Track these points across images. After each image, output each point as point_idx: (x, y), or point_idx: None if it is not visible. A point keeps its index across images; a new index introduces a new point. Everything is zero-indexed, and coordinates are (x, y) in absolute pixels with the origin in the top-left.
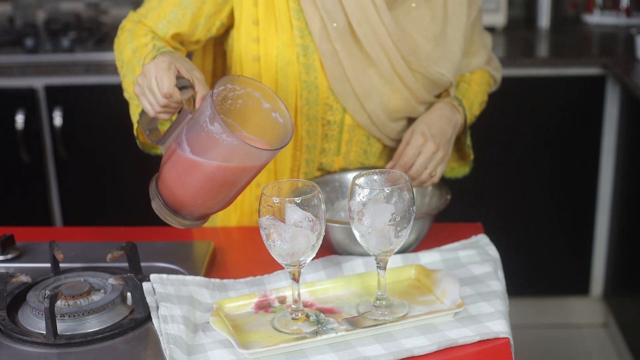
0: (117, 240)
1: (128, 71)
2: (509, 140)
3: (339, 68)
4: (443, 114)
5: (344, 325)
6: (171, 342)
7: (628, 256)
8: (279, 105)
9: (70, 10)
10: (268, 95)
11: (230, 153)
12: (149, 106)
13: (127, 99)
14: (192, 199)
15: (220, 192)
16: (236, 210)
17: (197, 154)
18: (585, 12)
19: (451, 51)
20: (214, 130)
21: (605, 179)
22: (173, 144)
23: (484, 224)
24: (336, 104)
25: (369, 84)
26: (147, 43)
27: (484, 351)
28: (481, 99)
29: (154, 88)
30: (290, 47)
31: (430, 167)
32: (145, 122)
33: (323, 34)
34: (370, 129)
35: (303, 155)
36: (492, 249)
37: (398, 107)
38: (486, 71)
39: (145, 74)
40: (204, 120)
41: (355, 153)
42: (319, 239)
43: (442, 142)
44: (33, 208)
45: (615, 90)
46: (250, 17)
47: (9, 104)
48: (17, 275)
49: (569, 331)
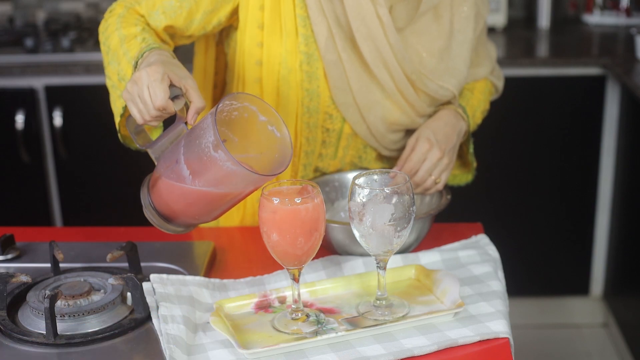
0: (117, 240)
1: (113, 59)
2: (509, 140)
3: (342, 79)
4: (448, 121)
5: (344, 325)
6: (171, 342)
7: (628, 256)
8: (276, 119)
9: (70, 10)
10: (265, 109)
11: (234, 179)
12: (139, 114)
13: (109, 87)
14: (188, 215)
15: (218, 210)
16: (239, 210)
17: (198, 178)
18: (585, 12)
19: (455, 67)
20: (216, 157)
21: (605, 179)
22: (169, 159)
23: (484, 224)
24: (336, 113)
25: (371, 97)
26: (137, 35)
27: (484, 351)
28: (483, 108)
29: (147, 99)
30: (294, 54)
31: (435, 174)
32: (132, 125)
33: (329, 43)
34: (368, 140)
35: (301, 160)
36: (492, 249)
37: (398, 120)
38: (489, 80)
39: (136, 82)
40: (205, 145)
41: (351, 157)
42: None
43: (447, 148)
44: (33, 208)
45: (615, 90)
46: (256, 21)
47: (9, 104)
48: (17, 275)
49: (569, 331)
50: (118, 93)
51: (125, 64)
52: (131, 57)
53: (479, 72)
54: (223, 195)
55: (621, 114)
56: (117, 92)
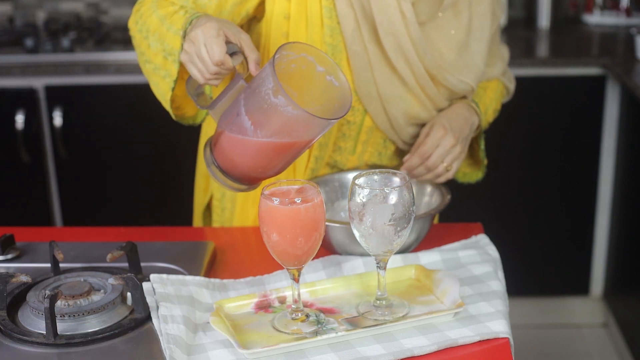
0: (117, 240)
1: (154, 40)
2: (509, 140)
3: (367, 70)
4: (462, 113)
5: (344, 325)
6: (171, 342)
7: (628, 256)
8: (333, 68)
9: (70, 10)
10: (322, 59)
11: (296, 125)
12: (199, 74)
13: (149, 72)
14: (251, 168)
15: (282, 162)
16: (254, 205)
17: (260, 127)
18: (585, 12)
19: (473, 62)
20: (277, 102)
21: (605, 179)
22: (230, 114)
23: (484, 224)
24: (358, 105)
25: (393, 90)
26: (177, 10)
27: (484, 351)
28: (495, 107)
29: (204, 56)
30: (319, 44)
31: (447, 161)
32: (192, 88)
33: (356, 34)
34: (388, 132)
35: (314, 152)
36: (492, 249)
37: (418, 114)
38: (501, 81)
39: (193, 41)
40: (265, 92)
41: (370, 154)
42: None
43: (460, 137)
44: (33, 208)
45: (615, 90)
46: (282, 11)
47: (9, 104)
48: (17, 275)
49: (569, 331)
50: (162, 74)
51: (171, 38)
52: (177, 29)
53: (491, 71)
54: (286, 145)
55: (621, 114)
56: (161, 72)
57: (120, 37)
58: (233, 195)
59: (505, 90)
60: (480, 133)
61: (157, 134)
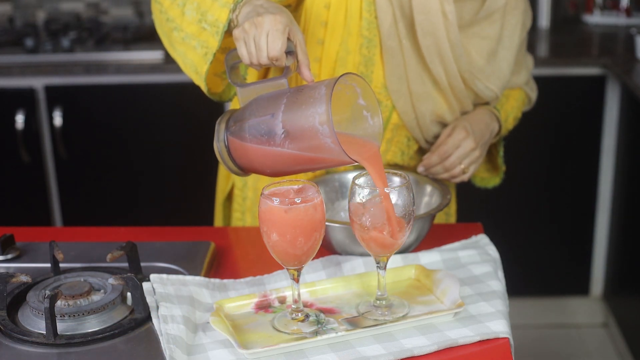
0: (117, 240)
1: (191, 8)
2: (509, 140)
3: (400, 66)
4: (483, 118)
5: (344, 325)
6: (171, 342)
7: (628, 256)
8: (374, 108)
9: (70, 10)
10: (367, 95)
11: (326, 152)
12: (247, 55)
13: (178, 39)
14: (263, 168)
15: (295, 171)
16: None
17: (291, 140)
18: (585, 12)
19: (500, 69)
20: (319, 129)
21: (605, 179)
22: (262, 110)
23: (484, 224)
24: (386, 101)
25: (424, 88)
26: None
27: (484, 351)
28: (516, 114)
29: (262, 45)
30: (355, 37)
31: (465, 163)
32: (231, 60)
33: (392, 30)
34: (413, 130)
35: None
36: (492, 249)
37: (444, 114)
38: (523, 90)
39: (257, 26)
40: (312, 114)
41: (393, 153)
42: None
43: (481, 142)
44: (33, 208)
45: (615, 90)
46: (323, 0)
47: (9, 104)
48: (17, 275)
49: (569, 331)
50: (193, 43)
51: (217, 9)
52: (226, 1)
53: (516, 80)
54: (307, 160)
55: (621, 114)
56: (192, 42)
57: (120, 37)
58: (254, 184)
59: (527, 99)
60: (499, 140)
61: (157, 133)
